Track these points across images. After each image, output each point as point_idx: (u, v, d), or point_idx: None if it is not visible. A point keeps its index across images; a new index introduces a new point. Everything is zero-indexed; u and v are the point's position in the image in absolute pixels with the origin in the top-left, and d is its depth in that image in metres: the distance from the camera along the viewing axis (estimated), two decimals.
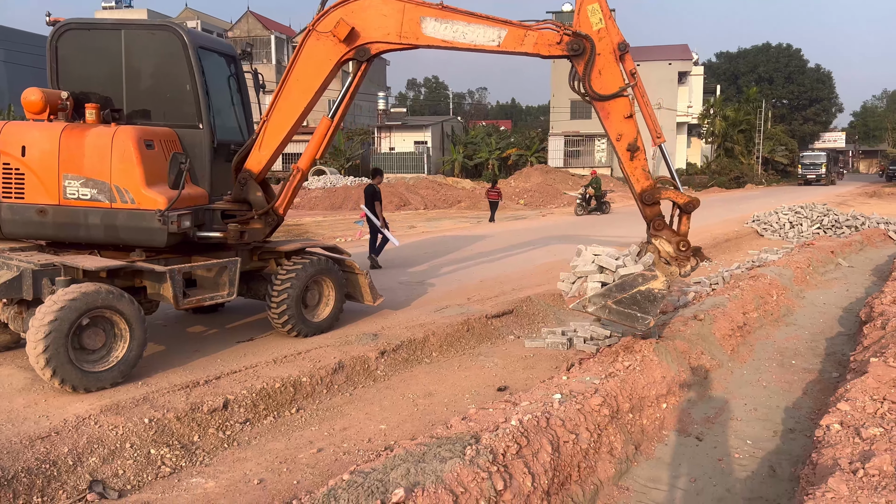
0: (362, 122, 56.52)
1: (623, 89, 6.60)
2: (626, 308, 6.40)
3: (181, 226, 6.55)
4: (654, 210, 6.87)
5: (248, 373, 6.48)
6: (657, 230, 6.84)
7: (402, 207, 30.00)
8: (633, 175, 6.80)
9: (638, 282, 6.44)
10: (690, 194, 6.89)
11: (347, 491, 3.99)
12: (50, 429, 5.09)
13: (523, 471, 4.42)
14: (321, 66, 7.04)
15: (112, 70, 7.06)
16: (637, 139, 6.68)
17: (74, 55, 7.12)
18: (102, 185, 6.48)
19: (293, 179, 7.45)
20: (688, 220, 6.86)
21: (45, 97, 6.63)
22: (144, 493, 4.79)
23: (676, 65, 51.84)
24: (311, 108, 7.24)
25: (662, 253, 6.79)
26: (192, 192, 6.98)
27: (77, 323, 5.68)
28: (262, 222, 7.35)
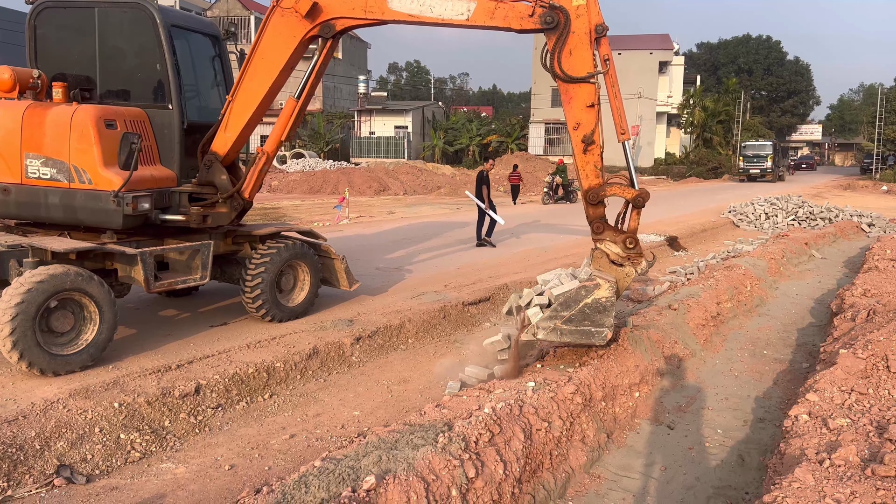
0: (342, 105, 56.01)
1: (592, 75, 6.14)
2: (577, 326, 5.93)
3: (137, 207, 6.36)
4: (597, 211, 6.43)
5: (221, 357, 6.42)
6: (598, 233, 6.42)
7: (381, 193, 29.84)
8: (584, 170, 6.35)
9: (581, 295, 5.90)
10: (641, 187, 6.39)
11: (318, 478, 3.97)
12: (17, 412, 5.00)
13: (495, 458, 4.43)
14: (286, 44, 6.81)
15: (86, 49, 6.91)
16: (595, 132, 6.20)
17: (51, 34, 7.00)
18: (61, 164, 6.35)
19: (258, 163, 7.25)
20: (637, 216, 6.38)
21: (15, 75, 6.49)
22: (113, 478, 4.73)
23: (657, 54, 51.98)
24: (278, 88, 7.04)
25: (612, 255, 6.37)
26: (157, 173, 6.81)
27: (45, 305, 5.57)
28: (228, 206, 7.18)
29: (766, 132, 63.72)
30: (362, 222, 18.41)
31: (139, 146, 6.29)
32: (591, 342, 6.00)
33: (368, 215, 20.28)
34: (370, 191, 29.52)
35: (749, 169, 44.78)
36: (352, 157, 47.21)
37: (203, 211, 6.98)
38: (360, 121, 52.30)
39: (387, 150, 48.32)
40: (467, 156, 49.02)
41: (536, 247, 14.08)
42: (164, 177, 6.90)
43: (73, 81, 6.68)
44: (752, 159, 44.97)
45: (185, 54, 7.14)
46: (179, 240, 7.00)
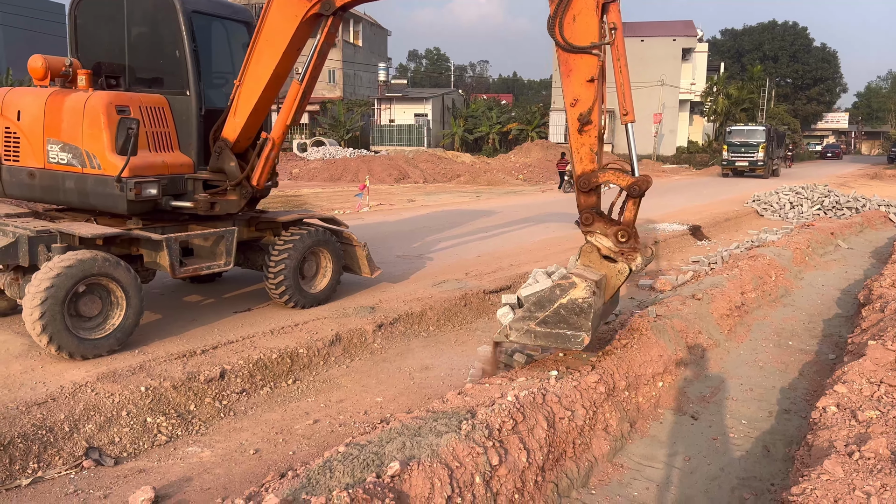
0: (362, 93, 56.00)
1: (595, 45, 5.47)
2: (552, 328, 5.34)
3: (141, 193, 6.37)
4: (588, 200, 5.78)
5: (246, 343, 6.47)
6: (587, 226, 5.76)
7: (400, 180, 29.85)
8: (578, 153, 5.73)
9: (556, 295, 5.32)
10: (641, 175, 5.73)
11: (343, 463, 3.99)
12: (46, 395, 5.09)
13: (518, 446, 4.42)
14: (288, 25, 6.62)
15: (118, 37, 7.00)
16: (593, 110, 5.58)
17: (89, 23, 7.14)
18: (76, 149, 6.45)
19: (265, 149, 7.09)
20: (634, 206, 5.70)
21: (47, 63, 6.66)
22: (140, 460, 4.80)
23: (681, 41, 51.32)
24: (285, 71, 6.87)
25: (603, 250, 5.72)
26: (171, 160, 6.79)
27: (73, 290, 5.65)
28: (237, 194, 7.06)
29: (792, 120, 62.78)
30: (382, 210, 18.44)
31: (137, 132, 6.19)
32: (567, 346, 5.39)
33: (388, 203, 20.30)
34: (390, 179, 29.54)
35: (735, 161, 36.27)
36: (371, 145, 47.26)
37: (210, 198, 6.90)
38: (380, 108, 52.28)
39: (406, 137, 48.28)
40: (487, 144, 48.84)
41: (556, 235, 14.01)
42: (179, 163, 6.87)
43: (106, 69, 6.78)
44: (738, 148, 36.61)
45: (211, 41, 7.15)
46: (204, 226, 7.04)
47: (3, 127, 6.86)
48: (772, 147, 36.95)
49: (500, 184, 29.45)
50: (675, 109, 50.97)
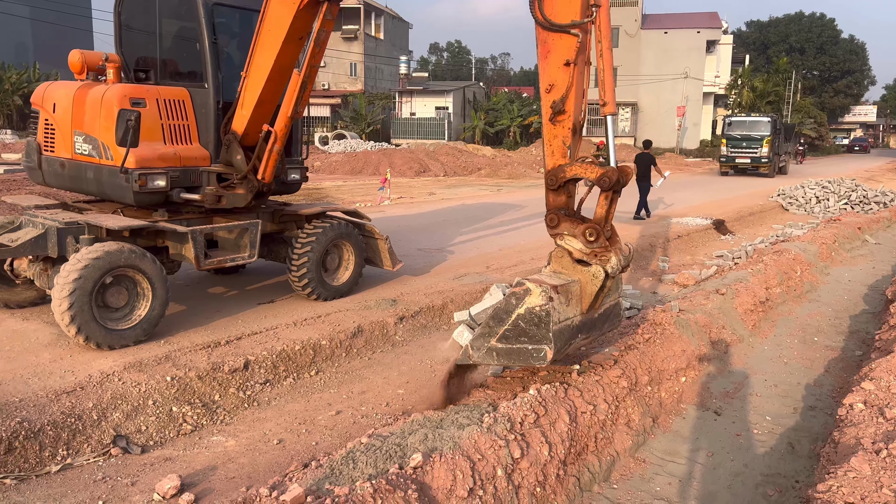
0: (384, 86, 56.05)
1: (575, 24, 4.90)
2: (513, 343, 4.82)
3: (147, 184, 6.40)
4: (557, 199, 5.20)
5: (269, 334, 6.53)
6: (552, 227, 5.19)
7: (421, 174, 29.84)
8: (550, 145, 5.19)
9: (512, 304, 4.82)
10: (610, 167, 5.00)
11: (366, 454, 4.03)
12: (75, 384, 5.18)
13: (540, 440, 4.43)
14: (287, 12, 6.46)
15: (151, 31, 7.11)
16: (567, 98, 5.00)
17: (130, 19, 7.26)
18: (95, 141, 6.56)
19: (269, 142, 6.92)
20: (605, 201, 5.04)
21: (84, 58, 6.84)
22: (166, 449, 4.87)
23: (705, 33, 50.67)
24: (288, 61, 6.71)
25: (575, 253, 5.11)
26: (186, 152, 6.80)
27: (101, 281, 5.74)
28: (244, 188, 6.96)
29: (818, 113, 61.75)
30: (403, 203, 18.46)
31: (137, 124, 6.16)
32: (530, 363, 4.87)
33: (409, 196, 20.32)
34: (410, 172, 29.53)
35: (735, 157, 31.25)
36: (392, 139, 47.31)
37: (217, 191, 6.87)
38: (401, 102, 52.29)
39: (427, 131, 48.26)
40: (508, 137, 48.66)
41: None
42: (194, 156, 6.87)
43: (143, 63, 6.92)
44: (739, 143, 31.60)
45: (235, 33, 7.20)
46: (228, 219, 7.11)
47: (44, 119, 7.11)
48: (778, 141, 32.00)
49: (522, 177, 29.31)
50: (698, 102, 50.40)
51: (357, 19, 53.72)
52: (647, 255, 11.86)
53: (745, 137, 31.66)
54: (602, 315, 5.38)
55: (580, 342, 5.24)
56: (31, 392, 5.01)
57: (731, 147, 31.77)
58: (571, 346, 5.12)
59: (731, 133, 32.26)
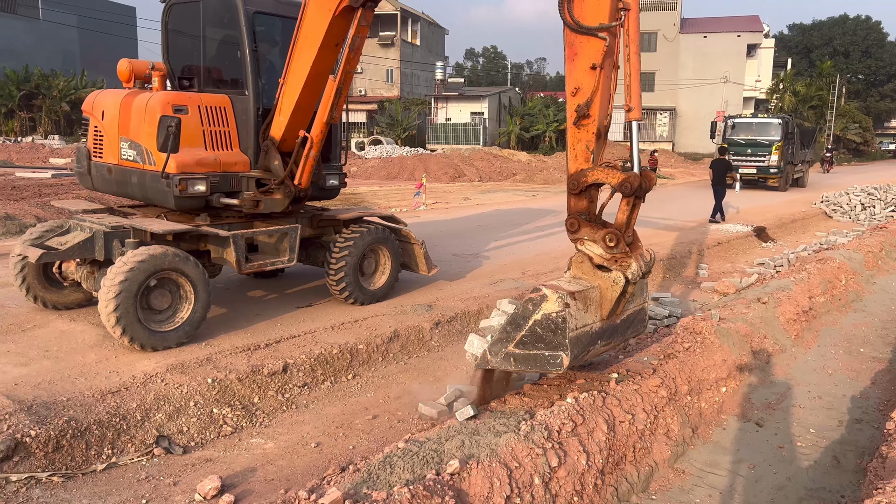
0: (419, 92, 56.31)
1: (603, 27, 4.86)
2: (531, 349, 4.80)
3: (186, 189, 6.54)
4: (579, 204, 5.15)
5: (307, 338, 6.61)
6: (573, 232, 5.15)
7: (456, 179, 29.89)
8: (573, 149, 5.14)
9: (529, 310, 4.80)
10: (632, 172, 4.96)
11: (403, 459, 4.04)
12: (119, 384, 5.31)
13: (578, 449, 4.40)
14: (323, 19, 6.47)
15: (196, 39, 7.30)
16: (593, 102, 4.95)
17: (177, 28, 7.47)
18: (139, 146, 6.73)
19: (305, 148, 6.90)
20: (627, 206, 5.00)
21: (132, 67, 7.03)
22: (207, 450, 4.96)
23: (745, 37, 49.84)
24: (324, 68, 6.67)
25: (595, 259, 5.05)
26: (226, 158, 6.91)
27: (145, 284, 5.87)
28: (281, 193, 6.98)
29: (863, 118, 60.21)
30: (438, 208, 18.51)
31: (177, 130, 6.27)
32: (546, 370, 4.83)
33: (444, 202, 20.36)
34: (446, 177, 29.61)
35: (738, 166, 24.34)
36: (427, 144, 47.47)
37: (255, 196, 6.94)
38: (436, 107, 52.45)
39: (462, 136, 48.31)
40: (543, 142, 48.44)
41: None
42: (234, 161, 6.98)
43: (189, 72, 7.11)
44: (743, 149, 25.95)
45: (276, 40, 7.31)
46: (269, 223, 7.21)
47: (93, 126, 7.34)
48: (791, 147, 26.51)
49: (557, 182, 29.14)
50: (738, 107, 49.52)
51: (394, 26, 54.09)
52: (686, 261, 11.69)
53: (750, 143, 26.02)
54: (625, 321, 5.32)
55: (600, 348, 5.16)
56: (77, 391, 5.15)
57: (734, 154, 25.51)
58: (591, 353, 5.05)
59: (735, 137, 26.49)
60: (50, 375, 5.42)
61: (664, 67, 49.36)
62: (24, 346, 6.07)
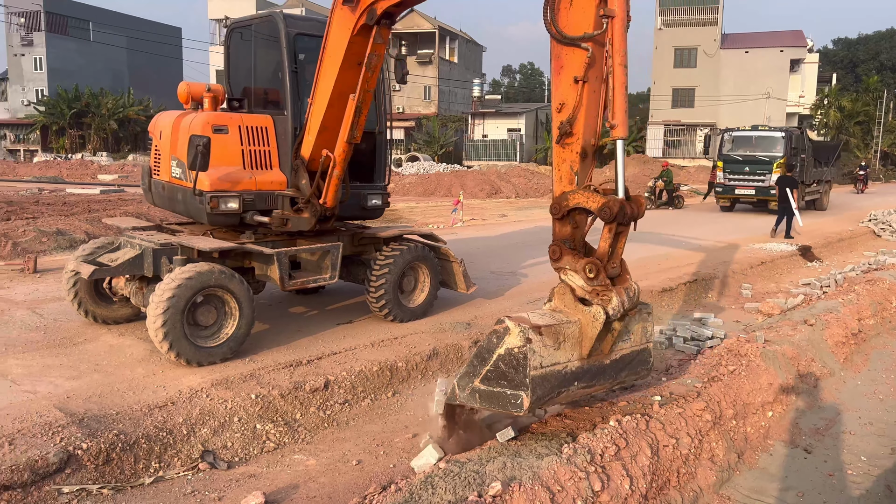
0: (457, 109, 56.67)
1: (586, 37, 4.56)
2: (494, 386, 4.50)
3: (218, 206, 6.68)
4: (562, 230, 4.81)
5: (348, 355, 6.67)
6: (555, 260, 4.80)
7: (492, 195, 29.93)
8: (558, 170, 4.85)
9: (493, 343, 4.50)
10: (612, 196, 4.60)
11: (444, 479, 4.04)
12: (166, 399, 5.42)
13: (621, 473, 4.34)
14: (343, 38, 6.46)
15: (248, 62, 7.60)
16: (576, 119, 4.65)
17: (236, 51, 7.79)
18: (183, 165, 6.93)
19: (329, 168, 6.87)
20: (610, 234, 4.66)
21: (189, 89, 7.29)
22: (251, 465, 5.03)
23: (788, 52, 49.09)
24: (348, 88, 6.60)
25: (577, 290, 4.68)
26: (263, 177, 7.03)
27: (192, 300, 6.00)
28: (309, 211, 6.99)
29: None
30: (475, 225, 18.54)
31: (206, 149, 6.34)
32: (508, 410, 4.50)
33: (481, 218, 20.39)
34: (482, 193, 29.68)
35: (734, 186, 22.62)
36: (464, 160, 47.67)
37: (283, 215, 7.03)
38: (473, 124, 52.70)
39: (499, 152, 48.43)
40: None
41: (655, 254, 13.64)
42: (271, 180, 7.08)
43: (244, 93, 7.40)
44: (740, 167, 22.65)
45: None
46: (311, 241, 7.32)
47: (154, 145, 7.66)
48: (802, 164, 22.49)
49: None
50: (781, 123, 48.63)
51: (432, 44, 54.64)
52: (729, 281, 11.49)
53: (748, 160, 22.52)
54: (616, 362, 4.94)
55: (578, 391, 4.75)
56: (126, 405, 5.27)
57: (731, 172, 22.69)
58: (562, 395, 4.67)
59: (732, 153, 23.09)
60: (100, 389, 5.57)
61: (704, 83, 48.85)
62: (75, 360, 6.26)
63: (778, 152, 22.12)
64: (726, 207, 23.82)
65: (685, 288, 10.64)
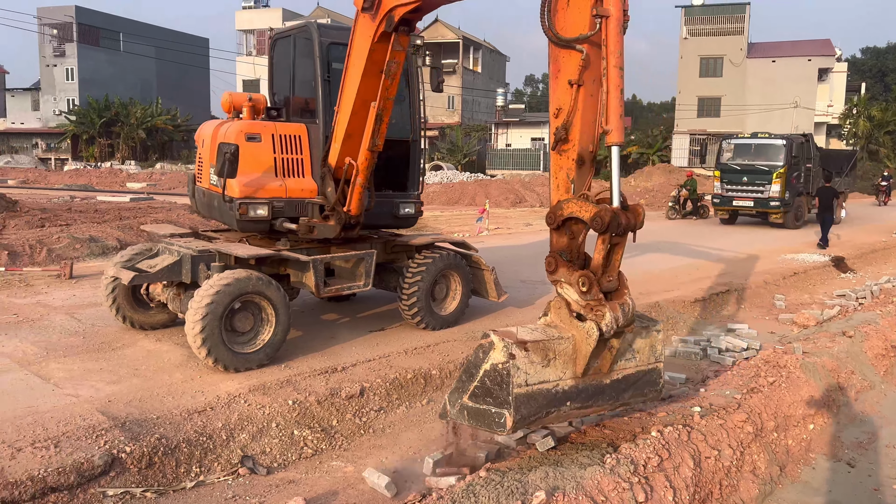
0: (480, 118, 56.78)
1: (581, 38, 4.40)
2: (480, 403, 4.36)
3: (247, 213, 6.80)
4: (559, 241, 4.64)
5: (382, 362, 6.68)
6: (551, 273, 4.63)
7: (517, 204, 29.89)
8: (555, 178, 4.70)
9: (480, 358, 4.37)
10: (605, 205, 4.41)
11: (486, 488, 4.03)
12: (205, 404, 5.47)
13: (664, 484, 4.29)
14: (364, 46, 6.43)
15: (289, 71, 7.72)
16: (572, 125, 4.51)
17: (279, 61, 7.96)
18: None
19: (352, 177, 6.86)
20: (604, 246, 4.42)
21: (231, 99, 7.42)
22: (290, 471, 5.05)
23: (816, 61, 48.51)
24: (370, 96, 6.56)
25: (573, 305, 4.49)
26: (294, 184, 7.10)
27: (230, 306, 6.06)
28: (334, 219, 7.02)
29: None
30: (501, 234, 18.51)
31: (234, 157, 6.44)
32: (492, 429, 4.37)
33: (506, 227, 20.36)
34: (506, 202, 29.66)
35: (732, 197, 21.34)
36: (487, 169, 47.72)
37: (310, 222, 7.06)
38: (496, 133, 52.76)
39: (522, 161, 48.39)
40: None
41: (683, 264, 13.52)
42: (302, 188, 7.15)
43: (282, 102, 7.52)
44: (738, 177, 21.25)
45: None
46: (345, 249, 7.36)
47: (198, 154, 7.81)
48: (803, 175, 21.31)
49: None
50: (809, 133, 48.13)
51: (456, 54, 54.86)
52: (762, 292, 11.34)
53: (746, 169, 21.05)
54: (618, 382, 4.71)
55: (571, 411, 4.55)
56: (166, 410, 5.33)
57: (728, 182, 21.33)
58: (552, 416, 4.47)
59: (730, 162, 21.65)
60: (140, 393, 5.63)
61: (730, 93, 48.46)
62: (114, 365, 6.34)
63: (779, 161, 20.61)
64: (726, 220, 22.36)
65: (717, 298, 10.53)
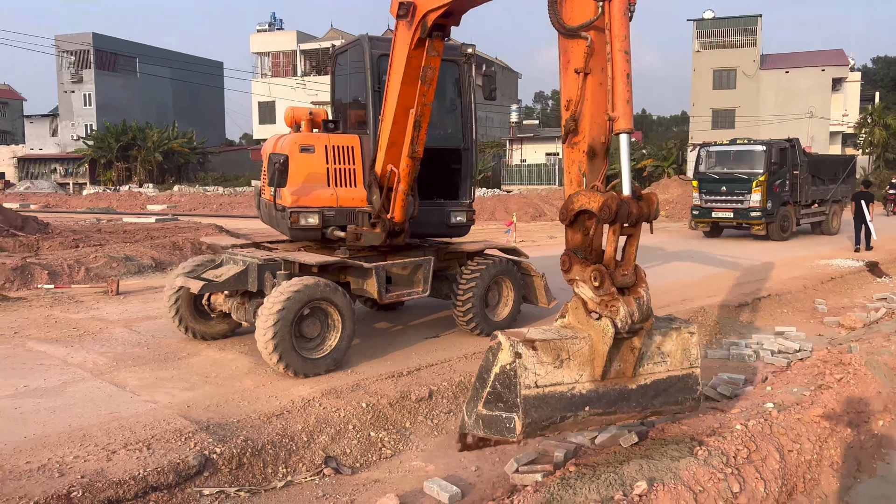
0: (494, 134, 57.08)
1: (585, 24, 4.30)
2: (493, 409, 4.16)
3: (297, 222, 7.00)
4: (573, 237, 4.41)
5: (445, 366, 6.75)
6: (566, 272, 4.42)
7: (536, 218, 29.99)
8: (568, 173, 4.52)
9: (490, 362, 4.20)
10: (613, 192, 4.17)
11: (580, 481, 4.09)
12: (281, 408, 5.55)
13: (755, 475, 4.33)
14: (403, 53, 6.46)
15: (345, 84, 7.96)
16: (581, 116, 4.38)
17: (338, 74, 8.26)
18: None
19: (395, 184, 6.89)
20: (614, 237, 4.16)
21: (293, 113, 7.62)
22: (372, 471, 5.11)
23: (830, 70, 48.53)
24: (410, 103, 6.60)
25: (589, 304, 4.27)
26: (345, 193, 7.29)
27: (299, 313, 6.16)
28: (379, 226, 7.04)
29: None
30: (527, 246, 18.55)
31: (284, 166, 6.61)
32: (503, 437, 4.16)
33: (530, 240, 20.43)
34: (527, 217, 29.76)
35: (711, 208, 20.07)
36: (502, 185, 47.87)
37: (356, 230, 7.17)
38: (511, 149, 52.98)
39: (537, 176, 48.53)
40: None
41: (720, 270, 13.54)
42: (353, 197, 7.30)
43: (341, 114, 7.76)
44: (716, 186, 19.97)
45: None
46: (404, 256, 7.46)
47: (263, 166, 7.97)
48: (788, 183, 19.81)
49: None
50: (825, 142, 48.02)
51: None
52: (802, 297, 11.33)
53: (725, 178, 19.75)
54: (646, 387, 4.42)
55: (591, 417, 4.26)
56: (244, 414, 5.41)
57: (706, 193, 20.05)
58: (568, 422, 4.21)
59: (708, 171, 20.36)
60: (215, 399, 5.72)
61: (744, 104, 48.50)
62: (184, 373, 6.44)
63: (759, 169, 19.21)
64: (708, 233, 20.93)
65: (759, 303, 10.53)
